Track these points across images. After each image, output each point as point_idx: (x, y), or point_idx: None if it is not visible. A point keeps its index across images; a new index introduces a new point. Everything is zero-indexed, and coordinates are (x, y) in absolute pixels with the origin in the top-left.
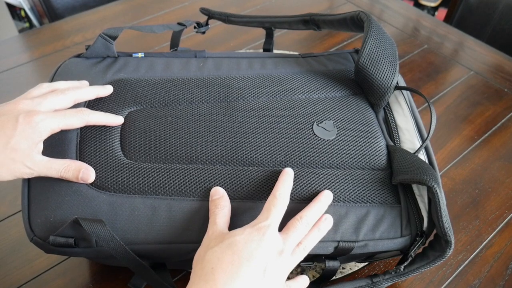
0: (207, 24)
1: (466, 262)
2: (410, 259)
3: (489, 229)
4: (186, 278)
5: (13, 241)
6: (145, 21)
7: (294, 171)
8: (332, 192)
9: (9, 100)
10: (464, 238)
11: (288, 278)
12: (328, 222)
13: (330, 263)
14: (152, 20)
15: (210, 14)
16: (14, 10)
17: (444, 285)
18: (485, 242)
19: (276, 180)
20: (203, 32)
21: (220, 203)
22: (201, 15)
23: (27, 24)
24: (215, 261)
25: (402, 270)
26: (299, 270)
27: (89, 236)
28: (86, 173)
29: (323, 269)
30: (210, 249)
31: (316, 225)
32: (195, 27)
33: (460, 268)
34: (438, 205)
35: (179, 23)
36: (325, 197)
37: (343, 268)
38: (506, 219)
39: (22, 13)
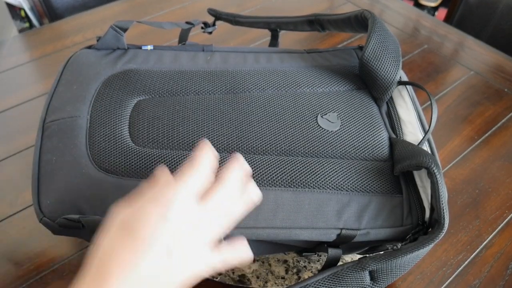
0: (214, 24)
1: (466, 262)
2: (409, 240)
3: (489, 229)
4: None
5: (13, 241)
6: None
7: (298, 160)
8: (336, 181)
9: (9, 99)
10: (464, 238)
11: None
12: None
13: (332, 251)
14: (152, 20)
15: (218, 15)
16: (14, 10)
17: (444, 285)
18: (485, 242)
19: (280, 168)
20: (210, 32)
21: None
22: (203, 15)
23: (27, 24)
24: (108, 250)
25: (398, 246)
26: (295, 270)
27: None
28: None
29: (319, 270)
30: (106, 233)
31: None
32: (202, 27)
33: (460, 268)
34: (436, 185)
35: (187, 22)
36: (235, 159)
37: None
38: (506, 219)
39: (22, 13)
